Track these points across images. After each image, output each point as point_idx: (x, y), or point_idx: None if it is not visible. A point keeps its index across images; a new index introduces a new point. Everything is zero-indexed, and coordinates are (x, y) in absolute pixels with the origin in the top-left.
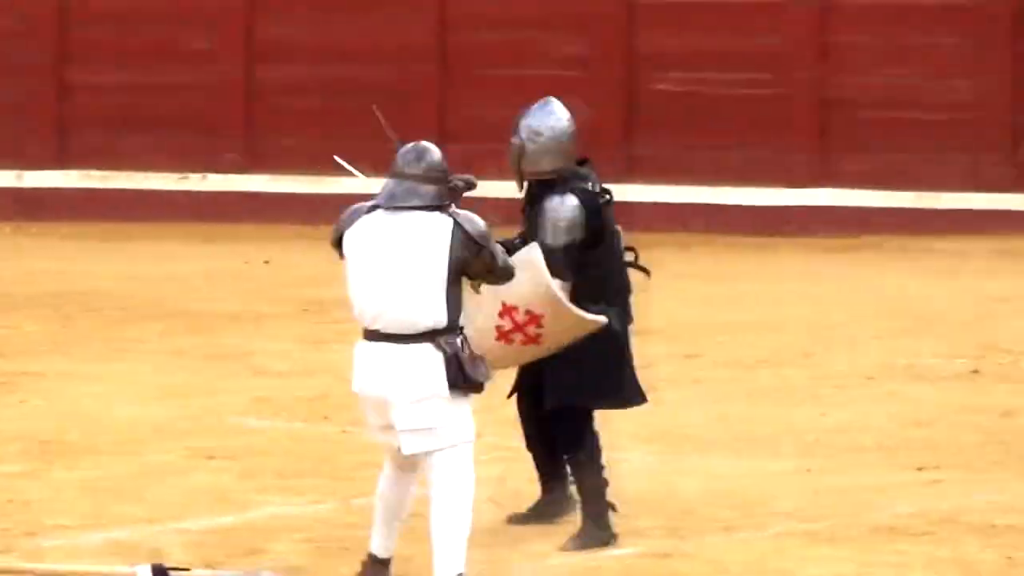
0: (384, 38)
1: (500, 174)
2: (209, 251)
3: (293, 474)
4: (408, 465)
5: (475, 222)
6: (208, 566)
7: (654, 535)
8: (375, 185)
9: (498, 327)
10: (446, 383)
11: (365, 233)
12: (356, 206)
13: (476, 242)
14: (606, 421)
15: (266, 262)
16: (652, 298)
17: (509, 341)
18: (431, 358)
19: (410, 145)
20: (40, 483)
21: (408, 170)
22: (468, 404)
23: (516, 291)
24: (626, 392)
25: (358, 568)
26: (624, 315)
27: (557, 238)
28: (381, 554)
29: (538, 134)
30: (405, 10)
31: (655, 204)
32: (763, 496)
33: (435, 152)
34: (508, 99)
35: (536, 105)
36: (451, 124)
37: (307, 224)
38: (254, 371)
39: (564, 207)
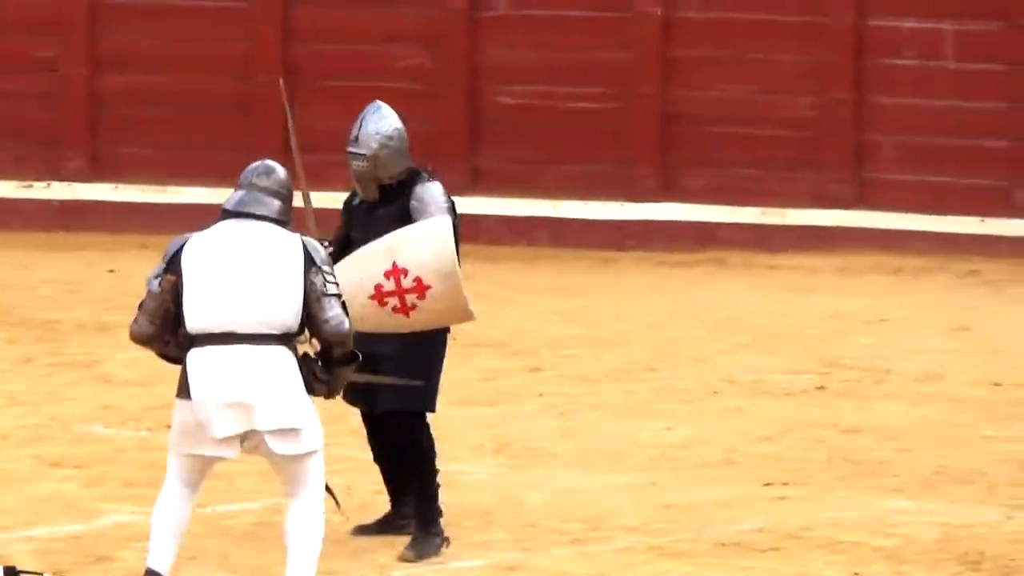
0: (229, 48)
1: (347, 185)
2: (54, 259)
3: (140, 482)
4: (197, 484)
5: (316, 244)
6: (57, 574)
7: (500, 548)
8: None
9: (377, 286)
10: (303, 384)
11: (214, 240)
12: (182, 236)
13: (314, 260)
14: (450, 434)
15: (111, 271)
16: (497, 311)
17: (382, 304)
18: (288, 360)
19: (258, 162)
20: None
21: (257, 182)
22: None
23: (414, 256)
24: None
25: None
26: None
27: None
28: (162, 570)
29: (390, 138)
30: (250, 20)
31: (499, 217)
32: (609, 510)
33: (282, 170)
34: (352, 111)
35: (371, 112)
36: (300, 135)
37: (151, 234)
38: (101, 379)
39: (440, 193)
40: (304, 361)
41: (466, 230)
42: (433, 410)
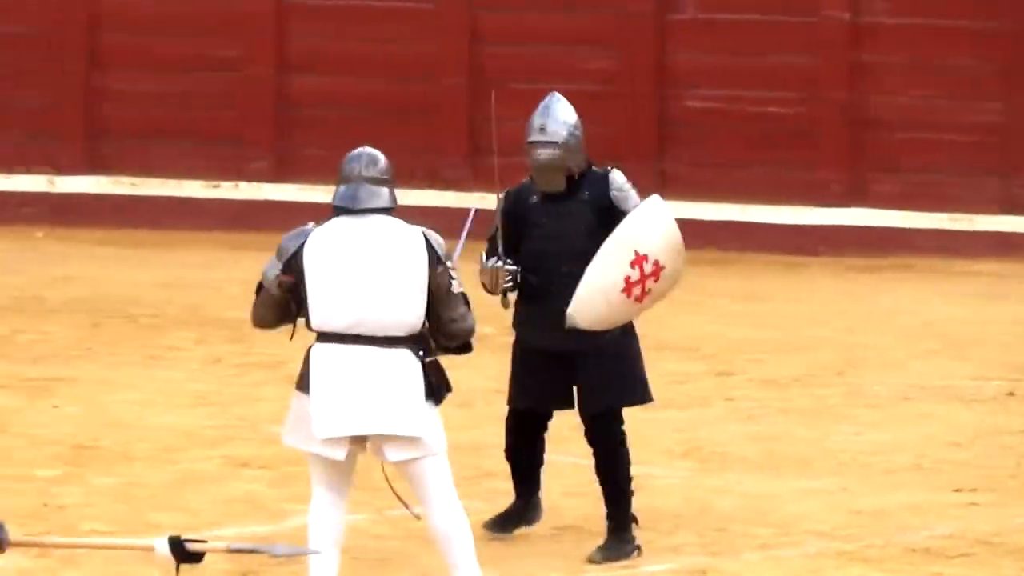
0: (415, 50)
1: None
2: (240, 259)
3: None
4: (343, 487)
5: (439, 239)
6: (244, 574)
7: (690, 551)
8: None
9: (626, 278)
10: (424, 389)
11: (332, 239)
12: (298, 229)
13: (439, 258)
14: (640, 438)
15: None
16: (686, 315)
17: (630, 295)
18: (410, 363)
19: (356, 151)
20: (75, 488)
21: (365, 173)
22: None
23: (648, 239)
24: (648, 389)
25: None
26: None
27: None
28: None
29: (576, 127)
30: (436, 22)
31: (687, 220)
32: (798, 515)
33: (382, 156)
34: None
35: (555, 102)
36: (482, 138)
37: None
38: (288, 380)
39: (625, 178)
40: (431, 367)
41: None
42: (652, 399)
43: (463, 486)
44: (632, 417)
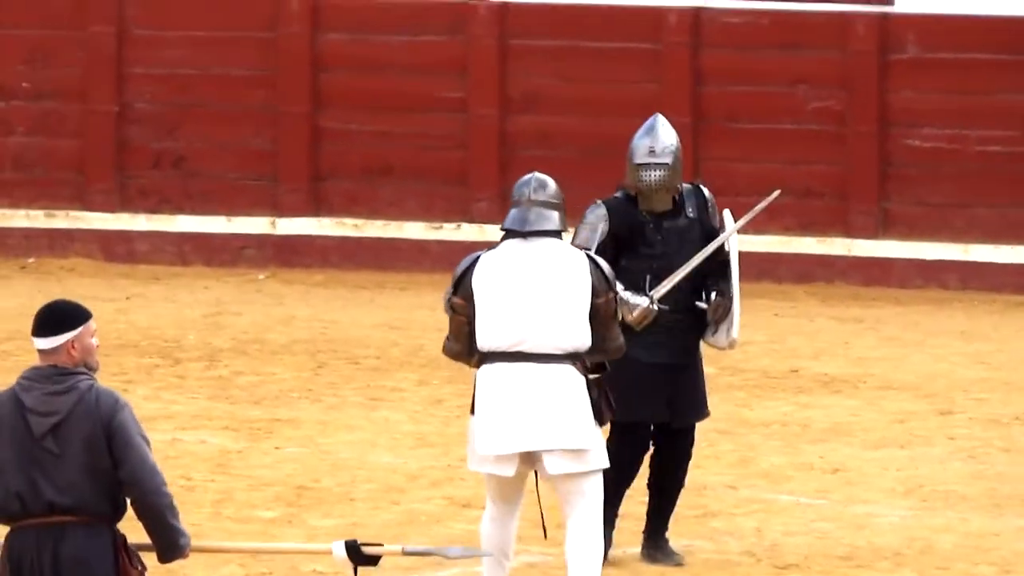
0: (637, 90)
1: (756, 226)
2: None
3: (548, 524)
4: (514, 501)
5: (606, 264)
6: None
7: None
8: None
9: None
10: (589, 405)
11: (503, 260)
12: (471, 255)
13: (608, 282)
14: (862, 476)
15: None
16: (907, 354)
17: None
18: (576, 379)
19: (527, 176)
20: (296, 529)
21: (535, 196)
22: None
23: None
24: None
25: None
26: None
27: None
28: None
29: (679, 148)
30: (658, 62)
31: (909, 260)
32: (1021, 553)
33: (552, 181)
34: (760, 153)
35: (660, 125)
36: (705, 177)
37: None
38: None
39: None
40: (595, 385)
41: (876, 273)
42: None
43: (687, 525)
44: (854, 457)
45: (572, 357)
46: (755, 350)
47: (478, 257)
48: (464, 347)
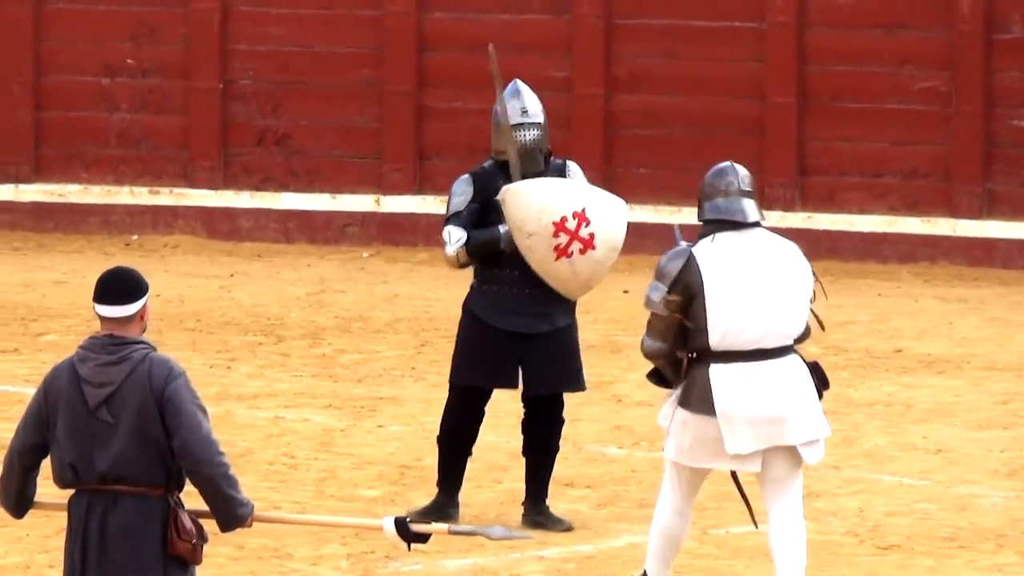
0: (742, 69)
1: (861, 206)
2: None
3: (653, 503)
4: (693, 499)
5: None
6: None
7: (1013, 571)
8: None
9: (563, 218)
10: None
11: (727, 254)
12: (675, 249)
13: (812, 271)
14: (965, 457)
15: (625, 292)
16: (1011, 335)
17: (555, 236)
18: (803, 368)
19: (723, 165)
20: (399, 508)
21: (743, 187)
22: None
23: (601, 215)
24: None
25: None
26: None
27: None
28: None
29: (545, 110)
30: (763, 42)
31: (1013, 240)
32: None
33: (744, 169)
34: (866, 132)
35: (523, 88)
36: (809, 157)
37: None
38: (613, 400)
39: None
40: (813, 369)
41: (980, 253)
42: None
43: None
44: (957, 437)
45: (792, 347)
46: (859, 330)
47: (689, 251)
48: (672, 345)
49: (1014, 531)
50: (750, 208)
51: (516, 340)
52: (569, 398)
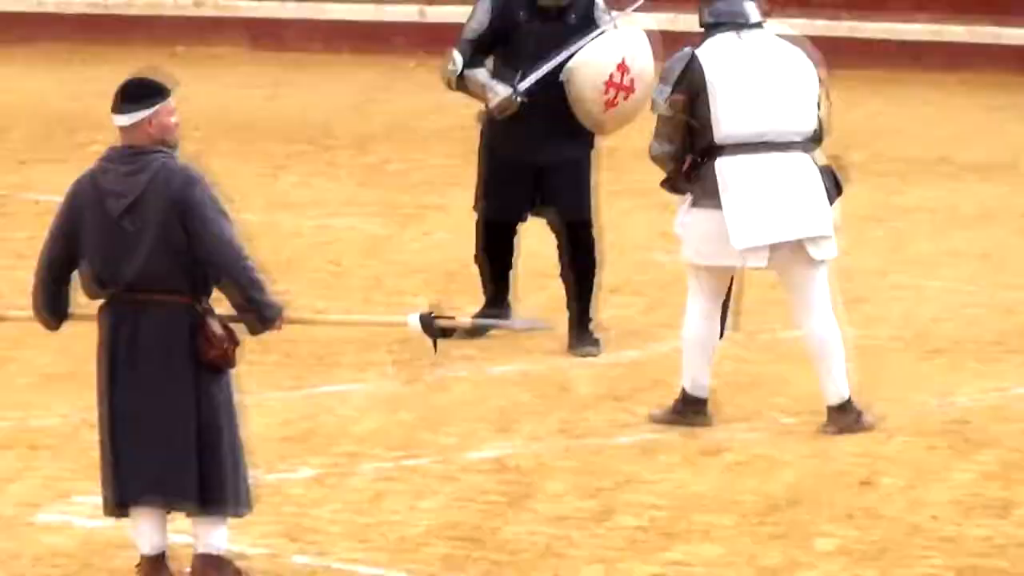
0: None
1: (906, 15)
2: None
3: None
4: (720, 298)
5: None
6: (616, 399)
7: None
8: None
9: (611, 75)
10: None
11: (728, 53)
12: (679, 53)
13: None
14: (1011, 263)
15: None
16: None
17: (605, 93)
18: (813, 166)
19: None
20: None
21: None
22: None
23: (639, 59)
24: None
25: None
26: None
27: None
28: (703, 394)
29: None
30: None
31: None
32: None
33: None
34: None
35: None
36: None
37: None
38: (660, 206)
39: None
40: (824, 171)
41: None
42: None
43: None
44: (1003, 243)
45: (805, 144)
46: (904, 137)
47: (692, 52)
48: (679, 146)
49: None
50: (751, 10)
51: (532, 171)
52: (613, 205)
